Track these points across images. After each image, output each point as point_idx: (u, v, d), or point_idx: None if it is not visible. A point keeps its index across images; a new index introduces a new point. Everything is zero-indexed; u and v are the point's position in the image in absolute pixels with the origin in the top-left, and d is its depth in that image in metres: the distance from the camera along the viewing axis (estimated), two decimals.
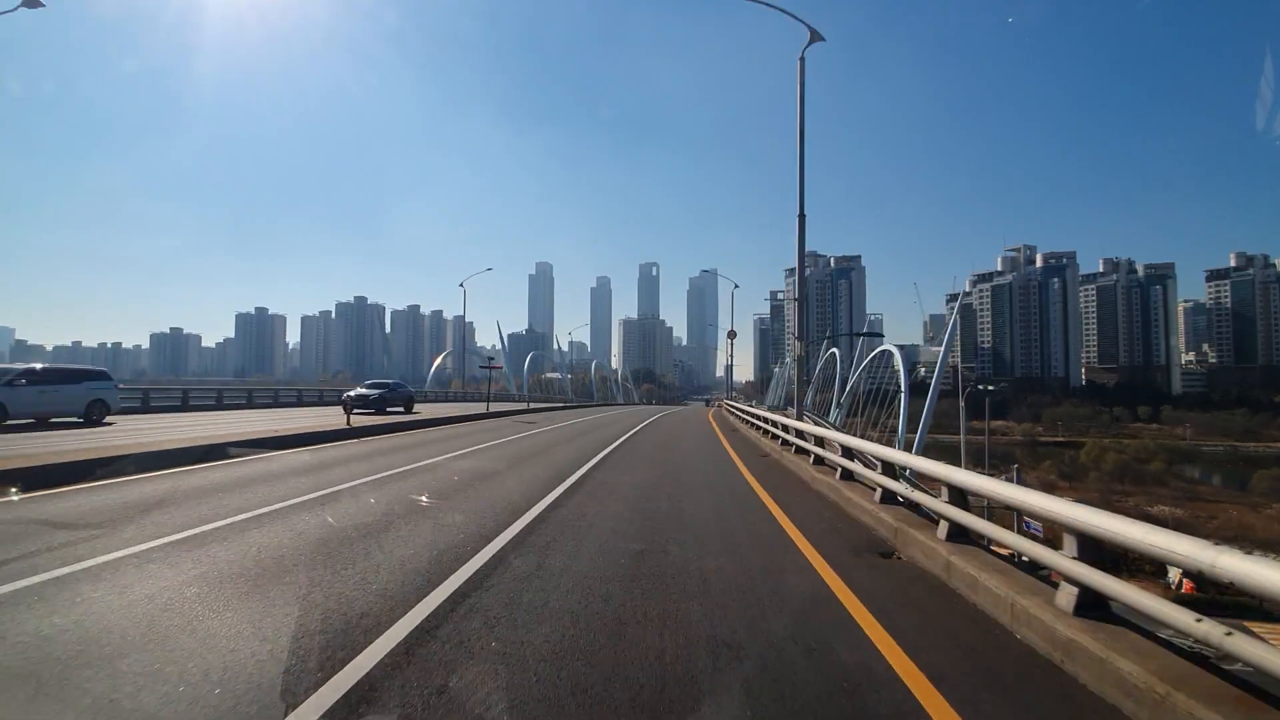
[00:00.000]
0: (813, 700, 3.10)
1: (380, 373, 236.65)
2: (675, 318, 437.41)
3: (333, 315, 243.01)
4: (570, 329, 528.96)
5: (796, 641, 3.77)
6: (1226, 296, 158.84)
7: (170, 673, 3.14)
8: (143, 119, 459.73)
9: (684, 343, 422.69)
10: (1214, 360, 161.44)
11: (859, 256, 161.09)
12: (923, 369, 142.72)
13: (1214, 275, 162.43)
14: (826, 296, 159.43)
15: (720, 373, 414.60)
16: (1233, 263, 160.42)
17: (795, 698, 3.12)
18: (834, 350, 69.35)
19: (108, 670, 3.17)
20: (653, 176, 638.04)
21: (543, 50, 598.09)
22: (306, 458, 12.01)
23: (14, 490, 7.55)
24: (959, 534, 5.46)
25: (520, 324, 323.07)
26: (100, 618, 3.84)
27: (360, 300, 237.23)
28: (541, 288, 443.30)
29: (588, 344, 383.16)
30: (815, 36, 13.85)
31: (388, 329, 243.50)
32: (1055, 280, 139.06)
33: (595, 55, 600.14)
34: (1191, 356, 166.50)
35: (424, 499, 7.90)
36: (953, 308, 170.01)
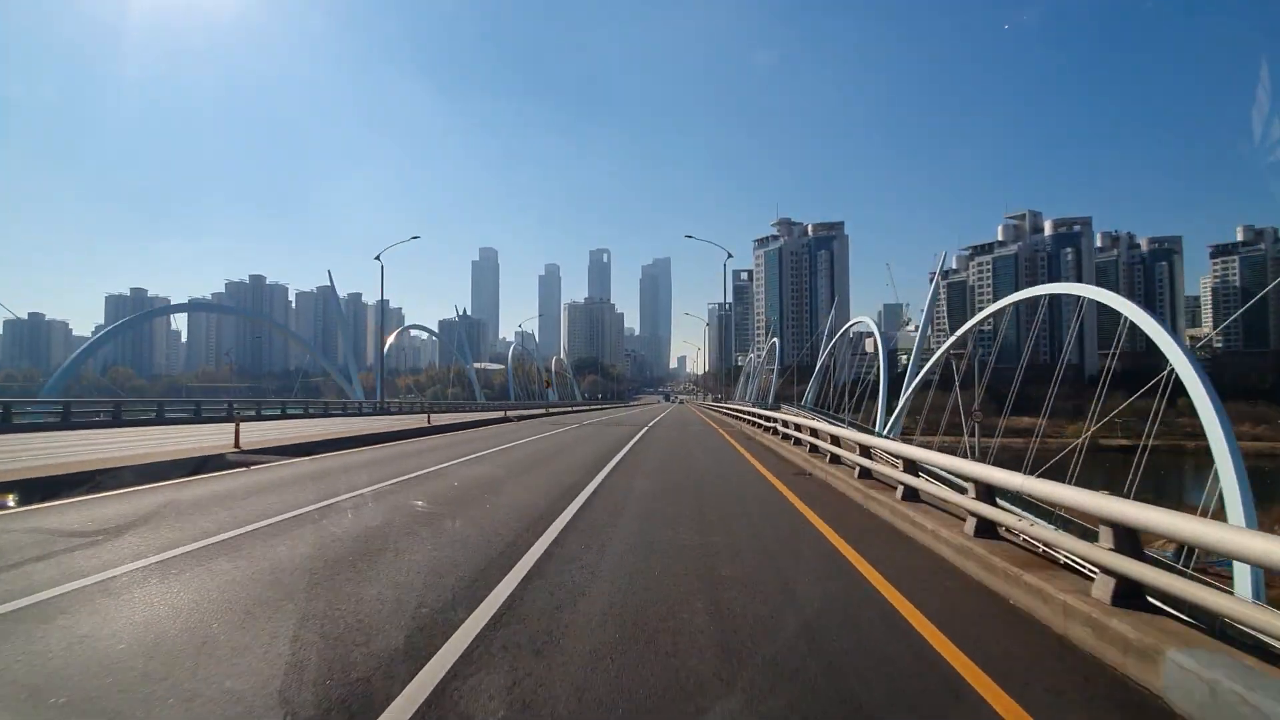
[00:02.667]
0: None
1: (280, 366, 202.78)
2: (628, 307, 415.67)
3: (230, 297, 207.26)
4: (519, 318, 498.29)
5: None
6: (1235, 274, 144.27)
7: None
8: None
9: (637, 332, 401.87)
10: (1219, 345, 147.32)
11: (841, 224, 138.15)
12: (904, 356, 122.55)
13: (1219, 251, 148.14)
14: (803, 271, 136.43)
15: (674, 364, 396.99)
16: (1240, 237, 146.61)
17: None
18: (864, 322, 45.06)
19: None
20: (604, 157, 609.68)
21: (483, 17, 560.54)
22: None
23: None
24: None
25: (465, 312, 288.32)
26: None
27: (257, 280, 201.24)
28: (486, 274, 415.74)
29: (536, 334, 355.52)
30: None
31: (293, 314, 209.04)
32: (1068, 250, 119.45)
33: (540, 22, 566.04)
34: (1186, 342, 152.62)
35: None
36: (939, 287, 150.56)
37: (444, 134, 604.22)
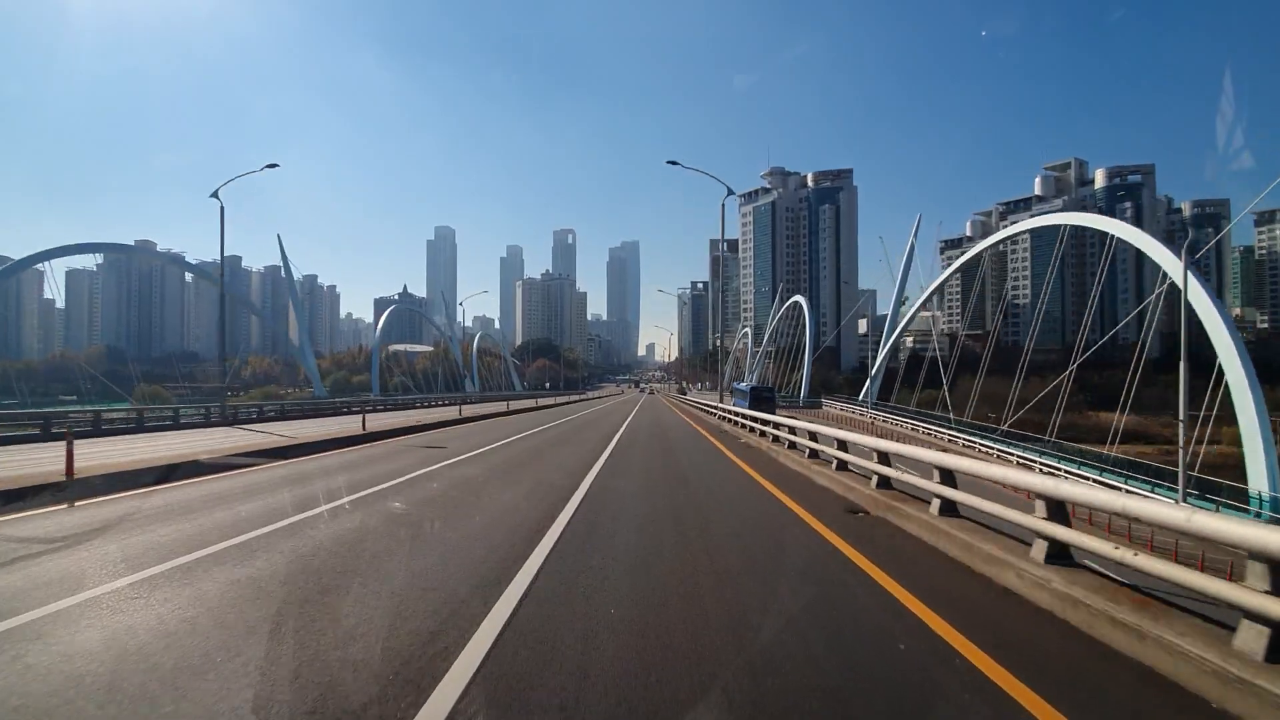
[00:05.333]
0: None
1: (172, 347, 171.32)
2: (594, 291, 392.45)
3: (109, 267, 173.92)
4: (478, 302, 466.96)
5: None
6: None
7: None
8: None
9: (604, 318, 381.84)
10: (1263, 324, 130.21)
11: (849, 172, 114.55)
12: (910, 339, 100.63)
13: (1264, 219, 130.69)
14: (801, 230, 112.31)
15: (643, 351, 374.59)
16: None
17: None
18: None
19: None
20: (571, 132, 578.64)
21: None
22: None
23: None
24: None
25: (418, 294, 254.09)
26: None
27: (145, 245, 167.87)
28: (442, 254, 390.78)
29: (497, 317, 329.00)
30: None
31: (190, 287, 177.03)
32: (1126, 205, 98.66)
33: None
34: None
35: None
36: (950, 258, 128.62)
37: (397, 105, 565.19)
